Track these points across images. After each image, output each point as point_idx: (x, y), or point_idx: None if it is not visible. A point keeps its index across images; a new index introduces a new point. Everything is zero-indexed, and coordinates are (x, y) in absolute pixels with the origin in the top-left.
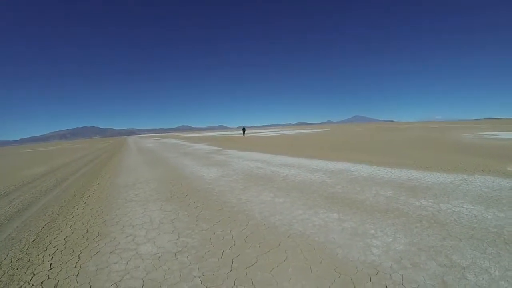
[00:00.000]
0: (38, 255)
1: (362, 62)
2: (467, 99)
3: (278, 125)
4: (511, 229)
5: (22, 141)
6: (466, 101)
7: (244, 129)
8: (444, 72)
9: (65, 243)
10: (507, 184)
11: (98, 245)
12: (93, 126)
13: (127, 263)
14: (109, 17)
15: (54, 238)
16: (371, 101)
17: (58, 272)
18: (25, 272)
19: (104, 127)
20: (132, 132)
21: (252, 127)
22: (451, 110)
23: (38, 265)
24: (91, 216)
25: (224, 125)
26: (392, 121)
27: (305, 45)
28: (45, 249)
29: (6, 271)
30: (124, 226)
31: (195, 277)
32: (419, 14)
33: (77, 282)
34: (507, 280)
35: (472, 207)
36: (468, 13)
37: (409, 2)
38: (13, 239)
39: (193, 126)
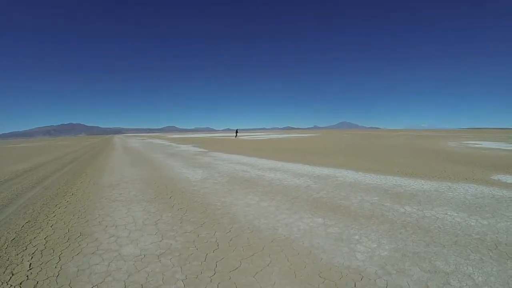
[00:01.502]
0: (18, 255)
1: (350, 69)
2: (452, 108)
3: (264, 129)
4: (494, 235)
5: (4, 136)
6: (451, 111)
7: (237, 131)
8: (431, 82)
9: (46, 243)
10: (489, 192)
11: (79, 245)
12: (79, 124)
13: (109, 264)
14: (94, 12)
15: (34, 237)
16: (358, 108)
17: (37, 273)
18: (4, 272)
19: (90, 125)
20: (118, 131)
21: (238, 130)
22: (436, 119)
23: (17, 265)
24: (74, 215)
25: (210, 127)
26: (379, 128)
27: (293, 49)
28: (25, 248)
29: None
30: (107, 226)
31: (178, 280)
32: (407, 24)
33: (57, 283)
34: (490, 286)
35: (456, 214)
36: (456, 25)
37: (396, 10)
38: None
39: (179, 127)
